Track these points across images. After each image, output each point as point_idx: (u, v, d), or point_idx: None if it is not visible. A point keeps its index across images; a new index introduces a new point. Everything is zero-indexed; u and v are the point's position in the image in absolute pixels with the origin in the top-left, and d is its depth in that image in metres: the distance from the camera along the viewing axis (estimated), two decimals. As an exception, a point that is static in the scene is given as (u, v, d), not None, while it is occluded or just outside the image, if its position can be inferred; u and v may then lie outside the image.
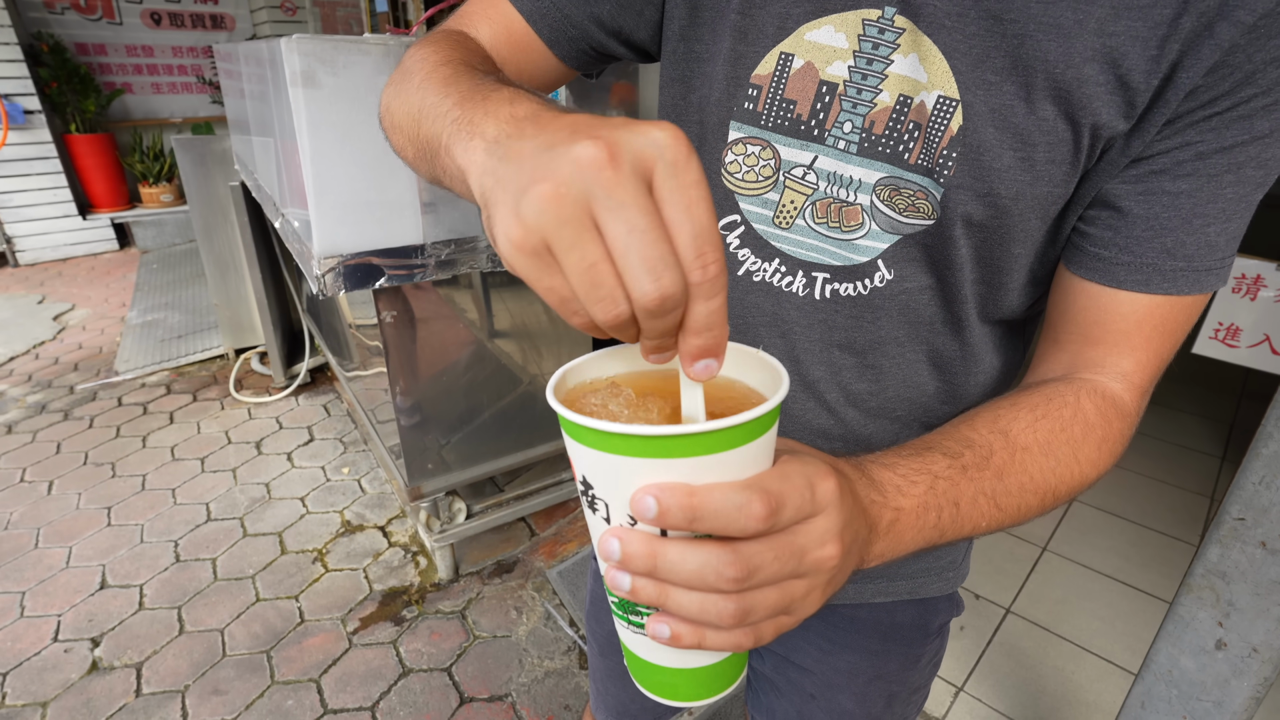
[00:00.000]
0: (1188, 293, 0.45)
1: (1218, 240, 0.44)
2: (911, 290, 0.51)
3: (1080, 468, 0.45)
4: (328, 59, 1.19)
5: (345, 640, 1.74)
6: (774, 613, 0.31)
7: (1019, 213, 0.45)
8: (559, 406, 0.32)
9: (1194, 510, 2.23)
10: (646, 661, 0.38)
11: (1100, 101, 0.41)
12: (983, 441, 0.43)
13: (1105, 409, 0.46)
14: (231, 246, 2.80)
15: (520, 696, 1.60)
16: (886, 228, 0.49)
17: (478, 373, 1.76)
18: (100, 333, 3.56)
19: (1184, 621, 0.95)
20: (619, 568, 0.30)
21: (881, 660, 0.68)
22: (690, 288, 0.27)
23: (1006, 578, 1.95)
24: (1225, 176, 0.42)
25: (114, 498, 2.27)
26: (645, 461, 0.29)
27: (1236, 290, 1.77)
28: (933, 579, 0.66)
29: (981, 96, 0.43)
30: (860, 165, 0.48)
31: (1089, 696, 1.58)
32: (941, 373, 0.55)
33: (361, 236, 1.35)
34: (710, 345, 0.28)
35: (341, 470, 2.42)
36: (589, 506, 0.33)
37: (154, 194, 5.10)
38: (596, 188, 0.25)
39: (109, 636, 1.75)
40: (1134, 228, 0.45)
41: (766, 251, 0.53)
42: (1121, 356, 0.48)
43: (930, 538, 0.40)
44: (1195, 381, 2.98)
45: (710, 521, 0.28)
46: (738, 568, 0.29)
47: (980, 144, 0.44)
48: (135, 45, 5.14)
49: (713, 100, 0.52)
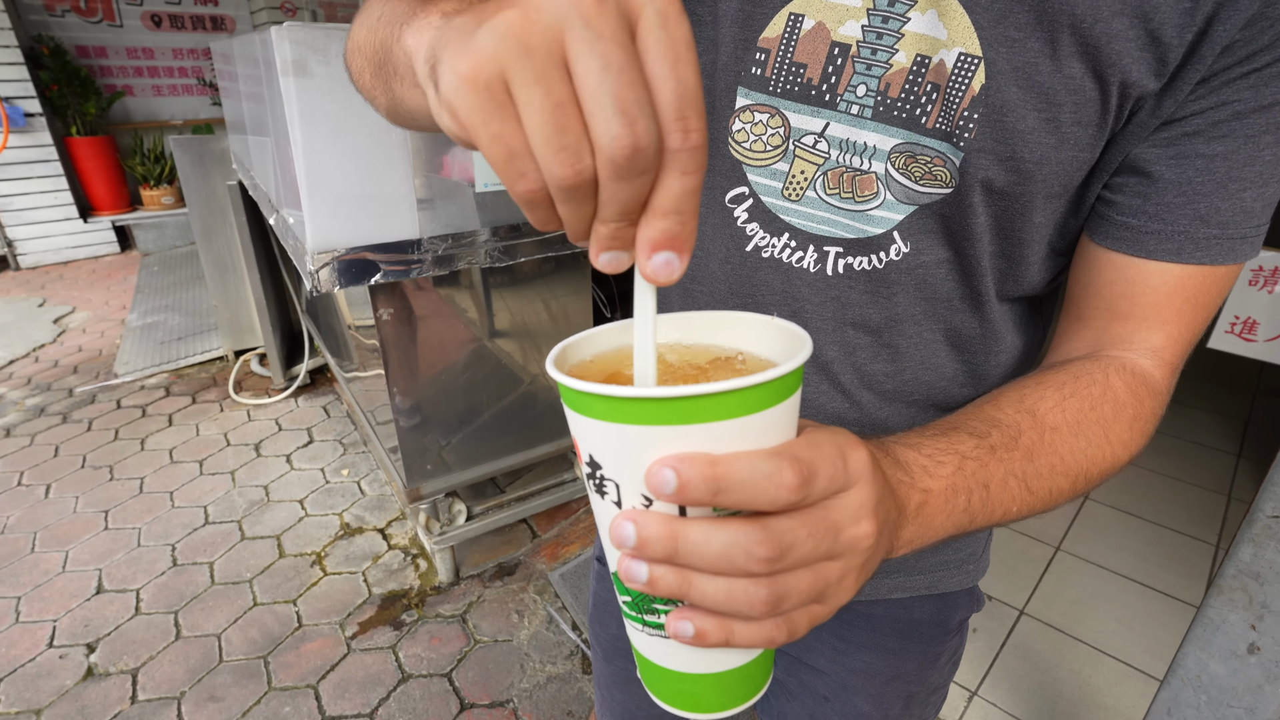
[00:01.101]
0: (1222, 262, 0.43)
1: (1254, 206, 0.41)
2: (929, 264, 0.48)
3: (1112, 448, 0.42)
4: (320, 47, 1.16)
5: (344, 645, 1.71)
6: (807, 599, 0.28)
7: (1042, 178, 0.43)
8: (561, 376, 0.28)
9: (1210, 509, 2.18)
10: (664, 669, 0.33)
11: (1130, 58, 0.38)
12: (1009, 421, 0.40)
13: (1136, 386, 0.44)
14: (230, 247, 2.77)
15: (522, 702, 1.56)
16: (902, 198, 0.46)
17: (477, 372, 1.73)
18: (100, 335, 3.54)
19: (1214, 624, 0.91)
20: (634, 555, 0.27)
21: (899, 659, 0.65)
22: (666, 154, 0.22)
23: (1020, 578, 1.90)
24: (1264, 138, 0.39)
25: (112, 501, 2.24)
26: (662, 430, 0.26)
27: (1253, 283, 1.72)
28: (952, 572, 0.63)
29: (1005, 54, 0.40)
30: (875, 131, 0.45)
31: (1108, 701, 1.54)
32: (960, 353, 0.52)
33: (356, 231, 1.32)
34: (675, 233, 0.24)
35: (341, 472, 2.39)
36: (597, 491, 0.29)
37: (155, 196, 5.09)
38: (573, 14, 0.21)
39: (105, 642, 1.72)
40: (1165, 194, 0.42)
41: (775, 225, 0.50)
42: (1151, 331, 0.45)
43: (960, 523, 0.37)
44: (1209, 378, 2.93)
45: (737, 493, 0.25)
46: (769, 546, 0.25)
47: (1003, 104, 0.41)
48: (136, 47, 5.13)
49: (719, 65, 0.49)
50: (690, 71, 0.22)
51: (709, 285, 0.56)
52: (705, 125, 0.23)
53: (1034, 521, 2.12)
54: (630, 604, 0.32)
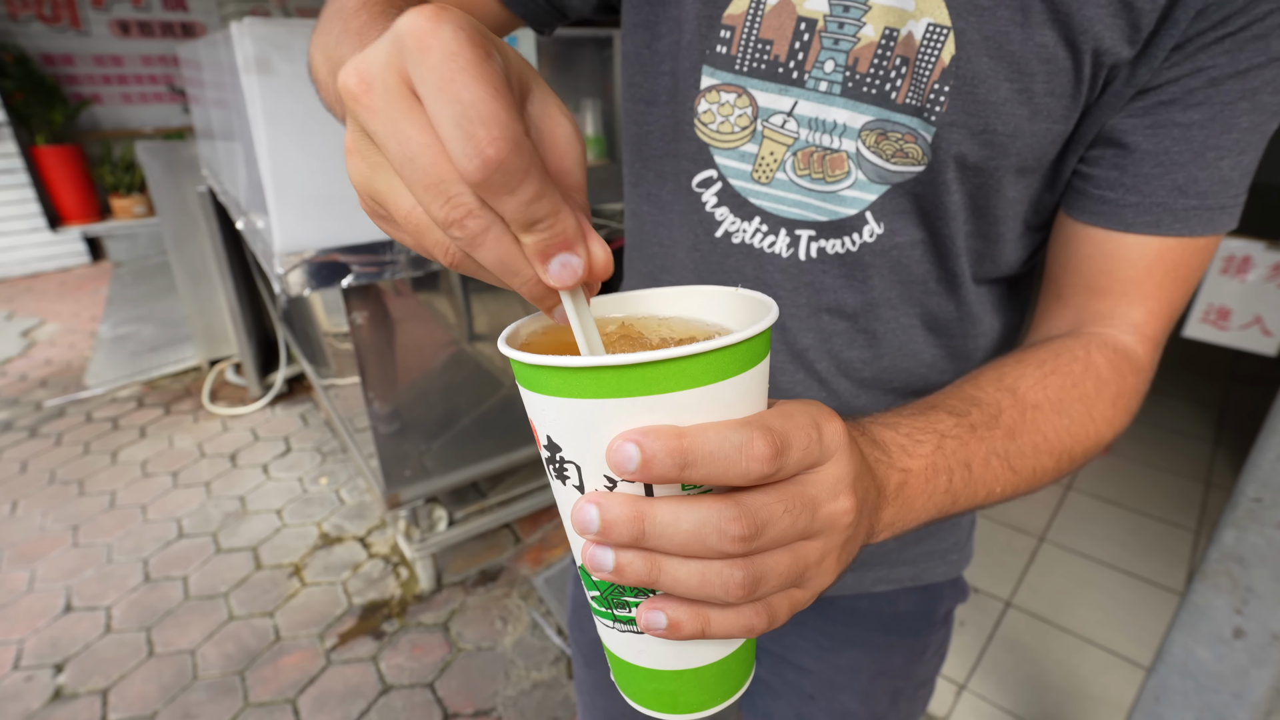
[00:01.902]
0: (1201, 233, 0.42)
1: (1231, 175, 0.41)
2: (903, 245, 0.47)
3: (1095, 426, 0.41)
4: (283, 44, 1.13)
5: (323, 657, 1.67)
6: (786, 582, 0.26)
7: (1016, 151, 0.41)
8: (513, 351, 0.26)
9: (1190, 495, 2.20)
10: (638, 667, 0.31)
11: (1102, 25, 0.37)
12: (990, 400, 0.39)
13: (1118, 363, 0.43)
14: (203, 255, 2.72)
15: (507, 710, 1.53)
16: (874, 177, 0.44)
17: (456, 375, 1.70)
18: (70, 348, 3.46)
19: (1199, 610, 0.91)
20: (599, 541, 0.25)
21: (885, 654, 0.64)
22: (476, 189, 0.21)
23: (1005, 570, 1.90)
24: (1240, 104, 0.38)
25: (81, 516, 2.18)
26: (623, 403, 0.24)
27: (1225, 270, 1.74)
28: (936, 562, 0.62)
29: (975, 22, 0.39)
30: (844, 108, 0.44)
31: (1095, 690, 1.54)
32: (938, 337, 0.51)
33: (326, 233, 1.29)
34: (547, 243, 0.23)
35: (319, 480, 2.34)
36: (557, 476, 0.28)
37: (126, 206, 4.99)
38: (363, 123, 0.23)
39: (74, 662, 1.67)
40: (1142, 165, 0.41)
41: (745, 210, 0.49)
42: (1132, 306, 0.44)
43: (942, 504, 0.36)
44: (1184, 367, 2.97)
45: (706, 467, 0.23)
46: (743, 523, 0.24)
47: (974, 75, 0.40)
48: (104, 55, 5.03)
49: (683, 45, 0.47)
50: (461, 86, 0.20)
51: (677, 274, 0.54)
52: (504, 132, 0.21)
53: (1018, 512, 2.12)
54: (599, 599, 0.30)
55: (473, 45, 0.21)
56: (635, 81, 0.52)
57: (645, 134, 0.53)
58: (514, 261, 0.24)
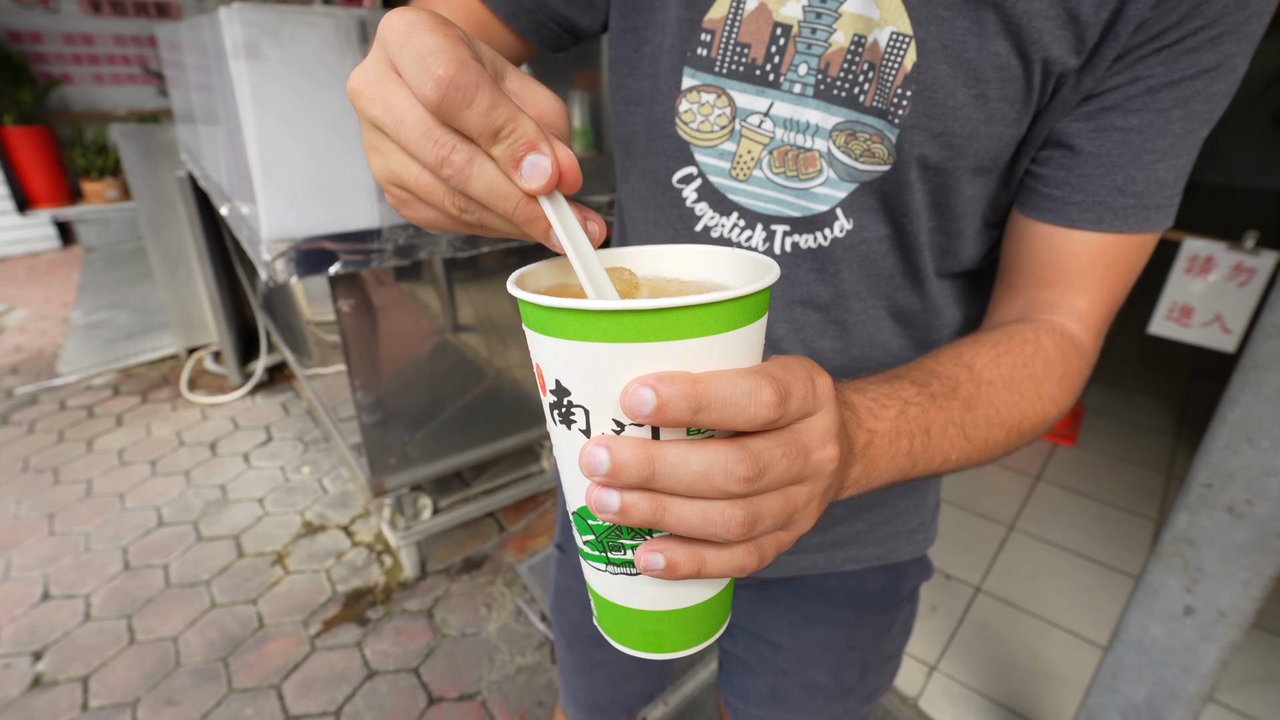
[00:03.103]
0: (1138, 230, 0.46)
1: (1166, 177, 0.44)
2: (870, 240, 0.50)
3: (1042, 403, 0.45)
4: (272, 30, 1.13)
5: (307, 644, 1.68)
6: (778, 523, 0.28)
7: (973, 152, 0.45)
8: (527, 294, 0.27)
9: (1151, 486, 2.28)
10: (626, 609, 0.32)
11: (1051, 36, 0.40)
12: (948, 374, 0.42)
13: (1064, 346, 0.47)
14: (180, 241, 2.68)
15: (491, 694, 1.56)
16: (844, 175, 0.48)
17: (441, 364, 1.71)
18: (41, 334, 3.38)
19: (1153, 590, 0.96)
20: (606, 482, 0.26)
21: (854, 630, 0.67)
22: (440, 114, 0.26)
23: (976, 557, 1.97)
24: (1174, 111, 0.42)
25: (56, 504, 2.15)
26: (637, 347, 0.25)
27: (1189, 270, 1.81)
28: (902, 542, 0.66)
29: (934, 32, 0.42)
30: (816, 109, 0.46)
31: (1058, 670, 1.60)
32: (904, 328, 0.54)
33: (313, 220, 1.29)
34: (513, 147, 0.27)
35: (302, 469, 2.34)
36: (563, 421, 0.28)
37: (98, 189, 4.88)
38: (368, 115, 0.29)
39: (53, 649, 1.66)
40: (1086, 165, 0.45)
41: (724, 205, 0.52)
42: (1076, 296, 0.48)
43: (903, 466, 0.38)
44: (1148, 363, 3.07)
45: (718, 411, 0.25)
46: (749, 464, 0.26)
47: (934, 81, 0.43)
48: (74, 34, 4.89)
49: (665, 48, 0.50)
50: (421, 45, 0.25)
51: None
52: (451, 61, 0.25)
53: (989, 502, 2.19)
54: (593, 543, 0.31)
55: (437, 21, 0.26)
56: (624, 84, 0.55)
57: (632, 134, 0.55)
58: (499, 184, 0.27)
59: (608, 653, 0.80)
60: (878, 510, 0.63)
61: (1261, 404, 0.81)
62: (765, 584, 0.68)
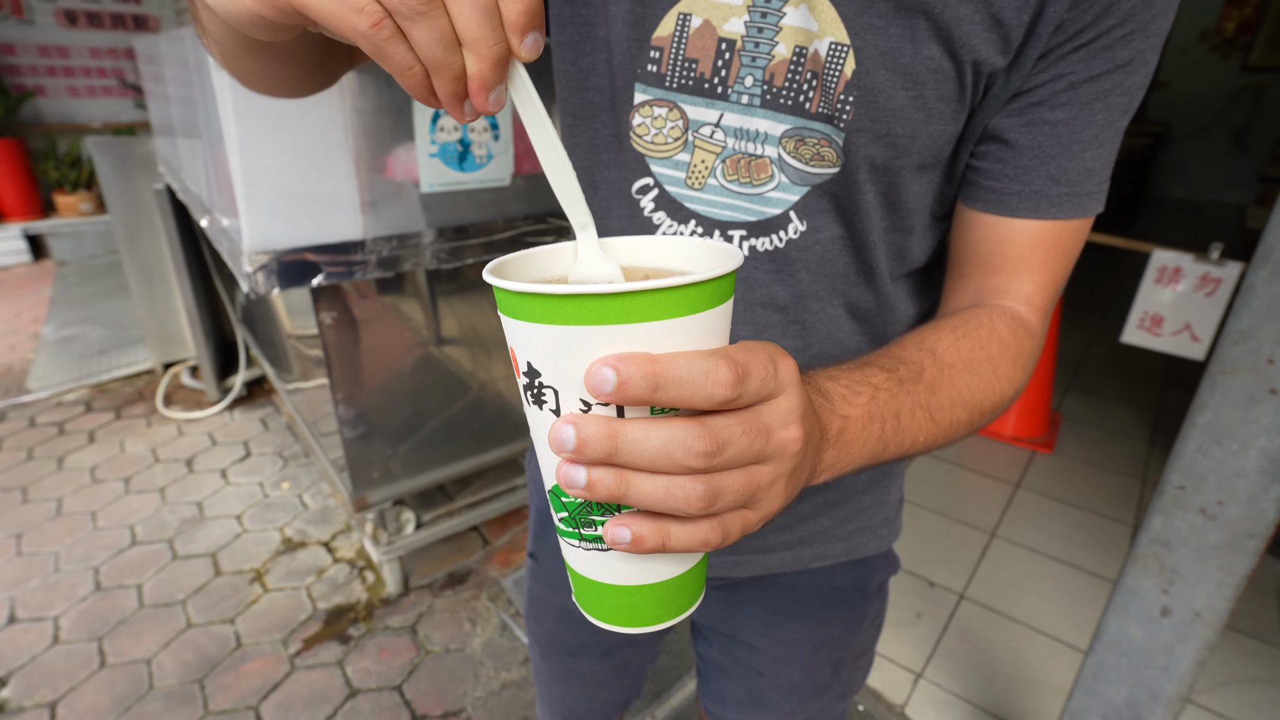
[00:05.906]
0: (1073, 216, 0.49)
1: (1094, 165, 0.47)
2: (824, 241, 0.52)
3: (999, 384, 0.47)
4: (255, 43, 1.13)
5: (287, 663, 1.64)
6: (740, 500, 0.29)
7: (915, 151, 0.47)
8: (500, 280, 0.28)
9: (1127, 492, 2.33)
10: (600, 584, 0.34)
11: (978, 39, 0.43)
12: (913, 359, 0.44)
13: (1016, 329, 0.49)
14: (157, 254, 2.64)
15: (476, 710, 1.53)
16: (796, 179, 0.49)
17: (424, 377, 1.70)
18: (10, 349, 3.31)
19: (1131, 592, 0.98)
20: (574, 458, 0.28)
21: (825, 626, 0.69)
22: None
23: (959, 564, 1.99)
24: (1095, 104, 0.45)
25: (24, 524, 2.09)
26: (601, 330, 0.26)
27: (1159, 280, 1.86)
28: (868, 538, 0.67)
29: (871, 40, 0.44)
30: (764, 118, 0.48)
31: (1040, 675, 1.62)
32: (861, 324, 0.56)
33: (296, 231, 1.28)
34: (522, 18, 0.27)
35: (281, 485, 2.30)
36: (535, 402, 0.30)
37: (71, 203, 4.80)
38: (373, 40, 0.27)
39: (19, 675, 1.60)
40: (1021, 158, 0.47)
41: (681, 214, 0.53)
42: (1022, 281, 0.51)
43: (875, 450, 0.40)
44: (1121, 372, 3.14)
45: (675, 390, 0.26)
46: (706, 440, 0.27)
47: (874, 86, 0.45)
48: (48, 46, 4.83)
49: (614, 65, 0.51)
50: None
51: None
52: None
53: (971, 510, 2.22)
54: (567, 519, 0.33)
55: None
56: (564, 97, 0.56)
57: (575, 146, 0.57)
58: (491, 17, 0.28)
59: (583, 662, 0.80)
60: (843, 506, 0.65)
61: (1229, 408, 0.83)
62: (737, 584, 0.69)
